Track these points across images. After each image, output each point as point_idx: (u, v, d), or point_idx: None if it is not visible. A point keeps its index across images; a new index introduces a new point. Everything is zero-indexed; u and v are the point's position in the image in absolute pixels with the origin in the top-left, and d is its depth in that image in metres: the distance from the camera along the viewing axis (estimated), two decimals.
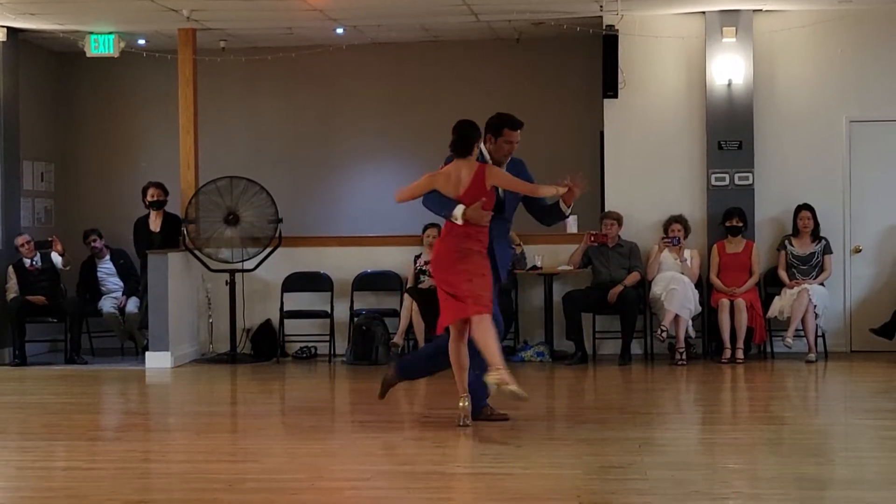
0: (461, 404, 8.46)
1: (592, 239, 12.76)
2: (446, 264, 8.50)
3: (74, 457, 7.93)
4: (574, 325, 12.58)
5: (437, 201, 8.54)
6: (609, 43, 13.09)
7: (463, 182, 8.44)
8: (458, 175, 8.47)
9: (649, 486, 6.63)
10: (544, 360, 12.67)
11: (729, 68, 12.92)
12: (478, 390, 8.52)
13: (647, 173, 13.22)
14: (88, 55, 13.67)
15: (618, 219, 12.92)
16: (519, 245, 13.00)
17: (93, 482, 7.05)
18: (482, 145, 8.65)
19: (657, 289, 12.53)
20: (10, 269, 13.31)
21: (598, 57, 13.20)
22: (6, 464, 7.80)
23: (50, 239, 13.36)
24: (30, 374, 12.48)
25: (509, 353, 12.79)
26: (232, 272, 13.16)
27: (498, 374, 8.09)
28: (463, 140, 8.52)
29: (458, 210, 8.39)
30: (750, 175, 12.97)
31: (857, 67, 13.09)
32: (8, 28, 13.37)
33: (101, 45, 13.52)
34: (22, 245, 13.29)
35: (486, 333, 8.23)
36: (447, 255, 8.52)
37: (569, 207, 8.75)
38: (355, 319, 12.99)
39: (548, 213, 9.04)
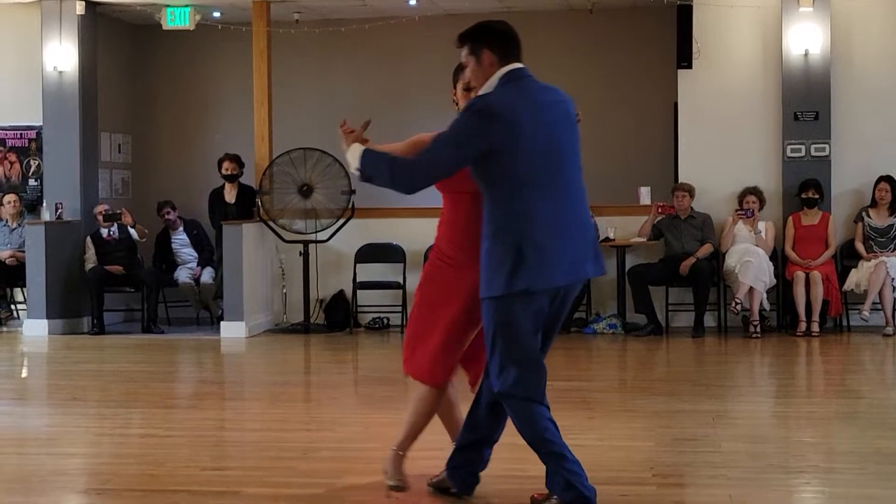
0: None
1: (660, 210, 12.73)
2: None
3: (151, 424, 8.04)
4: (643, 299, 12.54)
5: None
6: (683, 13, 13.00)
7: None
8: None
9: (723, 459, 6.61)
10: (616, 332, 12.63)
11: (805, 38, 12.75)
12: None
13: (722, 145, 13.11)
14: (164, 28, 13.80)
15: (689, 190, 12.83)
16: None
17: (169, 449, 7.14)
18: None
19: (731, 261, 12.43)
20: (88, 239, 13.48)
21: (673, 27, 13.12)
22: (85, 430, 7.93)
23: (119, 211, 13.51)
24: (108, 343, 12.66)
25: (581, 325, 12.80)
26: (305, 243, 13.24)
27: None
28: None
29: None
30: (826, 146, 12.82)
31: None
32: (86, 1, 13.51)
33: (177, 18, 13.64)
34: (99, 213, 13.46)
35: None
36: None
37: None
38: None
39: None
